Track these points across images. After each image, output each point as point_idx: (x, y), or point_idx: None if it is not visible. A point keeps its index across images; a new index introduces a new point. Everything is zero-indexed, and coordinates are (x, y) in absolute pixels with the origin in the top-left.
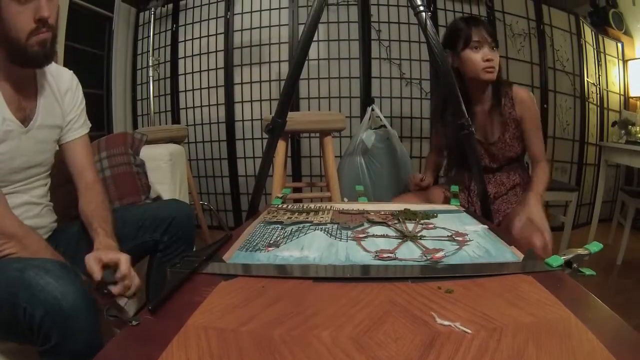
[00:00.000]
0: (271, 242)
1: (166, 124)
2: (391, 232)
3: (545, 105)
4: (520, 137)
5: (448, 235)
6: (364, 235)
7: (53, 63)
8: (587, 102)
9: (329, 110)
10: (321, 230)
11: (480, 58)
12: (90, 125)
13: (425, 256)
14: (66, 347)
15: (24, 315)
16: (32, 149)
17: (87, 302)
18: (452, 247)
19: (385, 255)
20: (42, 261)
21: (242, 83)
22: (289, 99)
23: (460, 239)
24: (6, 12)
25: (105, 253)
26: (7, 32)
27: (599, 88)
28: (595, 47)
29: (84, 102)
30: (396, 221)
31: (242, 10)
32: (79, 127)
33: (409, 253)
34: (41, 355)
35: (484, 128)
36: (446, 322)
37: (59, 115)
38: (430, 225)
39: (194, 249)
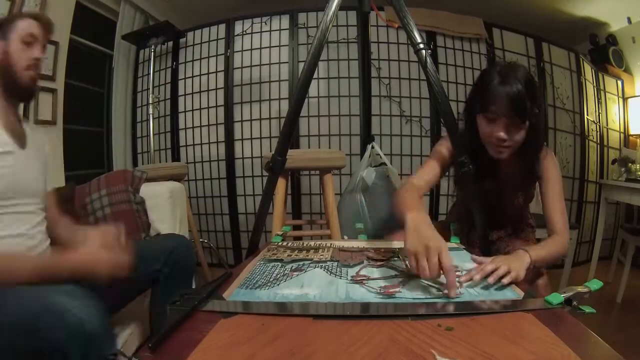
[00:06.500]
0: (271, 279)
1: (166, 161)
2: (391, 271)
3: (545, 144)
4: (529, 195)
5: (441, 284)
6: (364, 278)
7: None
8: (587, 140)
9: (329, 147)
10: (321, 268)
11: (491, 131)
12: None
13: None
14: None
15: (43, 340)
16: (29, 169)
17: (108, 328)
18: (437, 293)
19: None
20: (66, 286)
21: (242, 120)
22: (289, 136)
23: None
24: (12, 47)
25: None
26: (10, 64)
27: (599, 126)
28: (595, 84)
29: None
30: (396, 258)
31: (242, 47)
32: None
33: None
34: None
35: (498, 187)
36: None
37: (44, 150)
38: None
39: (194, 285)
